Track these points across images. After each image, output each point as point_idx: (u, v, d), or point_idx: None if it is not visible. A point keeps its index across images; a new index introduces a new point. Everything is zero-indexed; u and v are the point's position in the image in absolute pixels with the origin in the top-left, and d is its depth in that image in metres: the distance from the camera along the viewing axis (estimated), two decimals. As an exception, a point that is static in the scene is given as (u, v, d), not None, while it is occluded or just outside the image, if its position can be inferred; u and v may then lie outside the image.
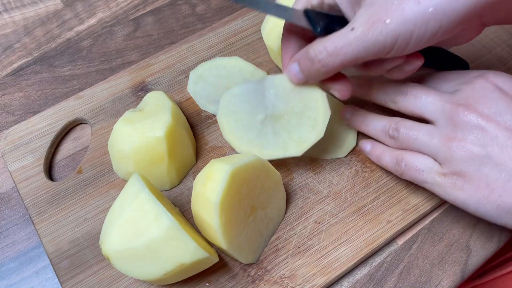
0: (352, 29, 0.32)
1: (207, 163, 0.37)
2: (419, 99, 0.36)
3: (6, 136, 0.45)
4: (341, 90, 0.37)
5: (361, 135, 0.44)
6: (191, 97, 0.47)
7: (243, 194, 0.35)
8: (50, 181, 0.42)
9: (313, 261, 0.38)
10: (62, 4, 0.58)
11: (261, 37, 0.50)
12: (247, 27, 0.52)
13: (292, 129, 0.39)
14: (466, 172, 0.32)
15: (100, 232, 0.35)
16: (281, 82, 0.38)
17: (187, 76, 0.48)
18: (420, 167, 0.35)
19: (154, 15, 0.56)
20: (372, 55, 0.32)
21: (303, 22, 0.36)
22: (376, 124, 0.39)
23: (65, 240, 0.39)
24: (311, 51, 0.34)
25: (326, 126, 0.38)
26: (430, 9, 0.30)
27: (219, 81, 0.47)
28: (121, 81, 0.48)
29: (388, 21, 0.31)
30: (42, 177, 0.43)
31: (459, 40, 0.36)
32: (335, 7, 0.36)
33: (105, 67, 0.52)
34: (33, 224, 0.40)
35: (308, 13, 0.36)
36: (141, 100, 0.45)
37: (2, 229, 0.42)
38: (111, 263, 0.33)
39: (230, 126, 0.39)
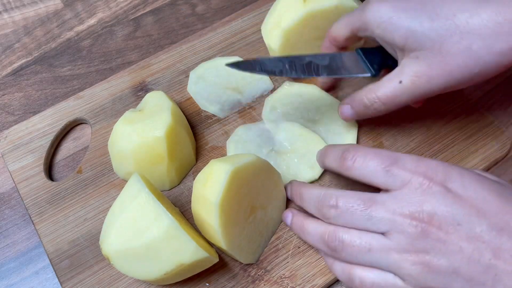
0: (400, 82, 0.35)
1: (207, 163, 0.37)
2: (356, 213, 0.31)
3: (6, 136, 0.45)
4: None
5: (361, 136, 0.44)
6: (191, 97, 0.47)
7: (243, 194, 0.35)
8: (50, 181, 0.42)
9: (313, 261, 0.38)
10: (62, 4, 0.58)
11: (261, 37, 0.50)
12: (247, 27, 0.52)
13: (292, 165, 0.42)
14: None
15: (100, 232, 0.35)
16: (293, 128, 0.43)
17: (187, 76, 0.48)
18: (381, 283, 0.31)
19: (154, 15, 0.56)
20: (420, 98, 0.36)
21: (359, 69, 0.39)
22: (313, 233, 0.34)
23: (65, 240, 0.39)
24: (366, 100, 0.37)
25: (322, 170, 0.41)
26: (476, 70, 0.33)
27: (219, 81, 0.47)
28: (121, 81, 0.48)
29: (433, 76, 0.34)
30: (42, 177, 0.43)
31: None
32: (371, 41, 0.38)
33: (105, 67, 0.52)
34: (33, 224, 0.40)
35: (361, 58, 0.39)
36: (141, 100, 0.45)
37: (2, 229, 0.42)
38: (111, 263, 0.33)
39: (236, 151, 0.43)
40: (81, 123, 0.47)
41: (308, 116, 0.44)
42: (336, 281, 0.38)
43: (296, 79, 0.47)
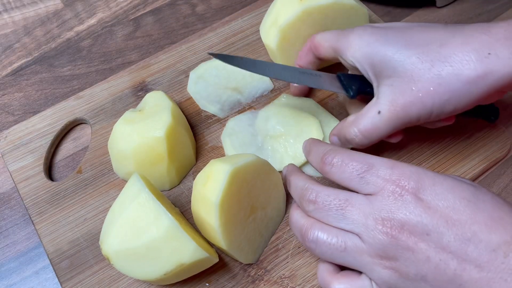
0: (379, 112, 0.36)
1: (207, 163, 0.37)
2: (332, 211, 0.32)
3: (6, 136, 0.45)
4: None
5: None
6: (191, 97, 0.47)
7: (243, 194, 0.35)
8: (50, 181, 0.42)
9: (313, 261, 0.38)
10: (62, 4, 0.58)
11: (261, 37, 0.50)
12: (247, 27, 0.52)
13: (289, 146, 0.43)
14: None
15: (100, 232, 0.35)
16: (283, 111, 0.44)
17: (187, 76, 0.48)
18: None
19: (154, 15, 0.56)
20: (401, 128, 0.36)
21: (335, 88, 0.40)
22: (293, 224, 0.35)
23: (65, 240, 0.39)
24: (347, 135, 0.38)
25: None
26: (446, 97, 0.34)
27: (219, 81, 0.47)
28: (121, 81, 0.48)
29: (407, 104, 0.35)
30: (42, 177, 0.43)
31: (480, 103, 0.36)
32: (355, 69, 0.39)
33: (105, 67, 0.52)
34: (33, 224, 0.40)
35: (341, 78, 0.40)
36: (141, 100, 0.45)
37: (2, 229, 0.42)
38: (111, 263, 0.33)
39: (232, 144, 0.43)
40: (81, 123, 0.47)
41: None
42: (336, 281, 0.38)
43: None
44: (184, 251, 0.32)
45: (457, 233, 0.28)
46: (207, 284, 0.37)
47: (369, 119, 0.36)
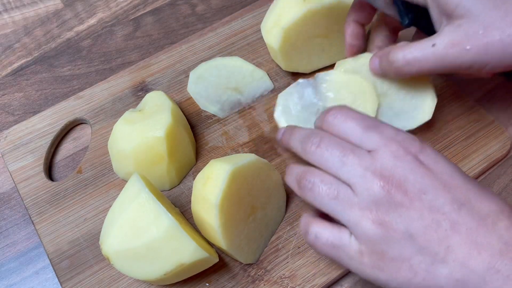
0: (433, 45, 0.34)
1: (207, 163, 0.37)
2: (334, 156, 0.32)
3: (6, 136, 0.45)
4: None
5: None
6: (191, 97, 0.47)
7: (243, 194, 0.35)
8: (50, 181, 0.42)
9: (313, 261, 0.38)
10: (62, 4, 0.58)
11: (261, 37, 0.50)
12: (247, 27, 0.52)
13: None
14: (388, 253, 0.29)
15: (100, 232, 0.35)
16: (332, 77, 0.41)
17: (187, 76, 0.48)
18: (335, 242, 0.31)
19: (154, 15, 0.56)
20: (446, 71, 0.35)
21: (391, 11, 0.38)
22: (289, 176, 0.35)
23: (65, 240, 0.39)
24: (391, 56, 0.36)
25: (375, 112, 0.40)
26: (509, 51, 0.32)
27: (219, 81, 0.47)
28: (121, 81, 0.48)
29: (468, 47, 0.33)
30: (42, 177, 0.43)
31: None
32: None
33: (105, 67, 0.52)
34: (33, 224, 0.40)
35: (397, 3, 0.38)
36: (141, 100, 0.45)
37: (2, 229, 0.42)
38: (111, 263, 0.33)
39: (288, 122, 0.41)
40: (81, 123, 0.47)
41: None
42: (336, 281, 0.38)
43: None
44: (184, 251, 0.32)
45: (453, 197, 0.29)
46: (207, 284, 0.37)
47: (421, 49, 0.35)
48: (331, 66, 0.48)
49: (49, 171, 0.44)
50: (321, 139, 0.33)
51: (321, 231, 0.32)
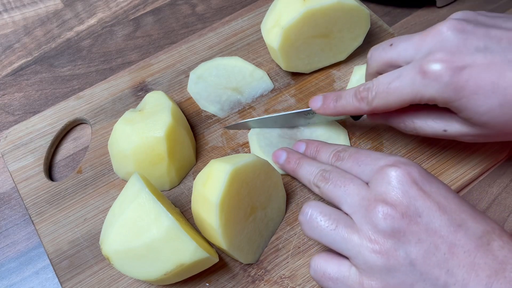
0: (445, 130, 0.36)
1: (207, 163, 0.37)
2: (338, 188, 0.33)
3: (6, 136, 0.45)
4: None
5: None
6: (191, 97, 0.47)
7: (243, 194, 0.35)
8: (50, 181, 0.42)
9: (313, 261, 0.38)
10: (62, 4, 0.58)
11: (261, 37, 0.50)
12: (247, 27, 0.52)
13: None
14: (390, 283, 0.29)
15: (100, 232, 0.35)
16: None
17: (187, 76, 0.48)
18: (333, 275, 0.32)
19: (154, 15, 0.56)
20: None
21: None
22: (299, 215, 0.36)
23: (65, 240, 0.39)
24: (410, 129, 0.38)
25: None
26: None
27: (219, 81, 0.47)
28: (121, 81, 0.48)
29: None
30: (42, 177, 0.43)
31: None
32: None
33: (105, 67, 0.52)
34: (33, 224, 0.40)
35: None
36: (141, 100, 0.45)
37: (2, 229, 0.42)
38: (111, 263, 0.33)
39: (259, 143, 0.43)
40: (81, 123, 0.47)
41: None
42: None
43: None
44: (184, 251, 0.32)
45: (449, 218, 0.29)
46: (207, 284, 0.37)
47: (433, 131, 0.36)
48: (331, 66, 0.48)
49: (49, 171, 0.44)
50: (330, 174, 0.34)
51: (322, 265, 0.33)
